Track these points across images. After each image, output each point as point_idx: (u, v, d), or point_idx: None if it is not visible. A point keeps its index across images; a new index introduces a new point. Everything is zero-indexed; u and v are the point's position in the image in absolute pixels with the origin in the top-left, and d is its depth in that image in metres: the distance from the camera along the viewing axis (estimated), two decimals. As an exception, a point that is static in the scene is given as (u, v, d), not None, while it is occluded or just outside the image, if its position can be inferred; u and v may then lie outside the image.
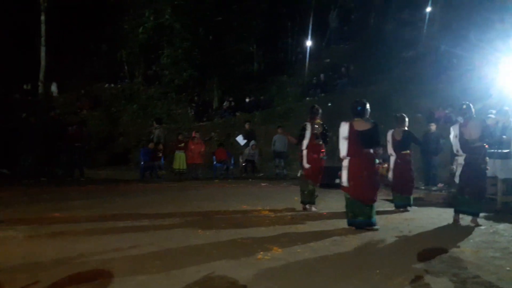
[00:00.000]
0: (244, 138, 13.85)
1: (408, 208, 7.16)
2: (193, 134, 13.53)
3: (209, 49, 19.33)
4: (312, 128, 6.80)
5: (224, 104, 20.02)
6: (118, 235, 5.00)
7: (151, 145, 12.79)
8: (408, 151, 7.23)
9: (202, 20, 19.15)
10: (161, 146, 12.74)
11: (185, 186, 10.68)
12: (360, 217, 5.42)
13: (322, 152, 6.90)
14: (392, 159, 7.25)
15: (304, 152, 6.83)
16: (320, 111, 7.00)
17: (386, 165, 7.12)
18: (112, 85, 22.38)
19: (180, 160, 12.78)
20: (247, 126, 14.43)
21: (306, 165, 6.83)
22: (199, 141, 13.23)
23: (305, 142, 6.80)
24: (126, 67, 22.90)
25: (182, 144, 12.98)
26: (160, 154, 12.73)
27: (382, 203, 7.56)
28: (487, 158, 5.97)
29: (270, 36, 22.79)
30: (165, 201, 7.99)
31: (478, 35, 13.80)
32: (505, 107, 8.21)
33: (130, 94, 20.94)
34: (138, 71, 22.63)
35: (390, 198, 7.62)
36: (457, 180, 6.06)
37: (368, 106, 5.60)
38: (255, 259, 3.99)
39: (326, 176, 10.40)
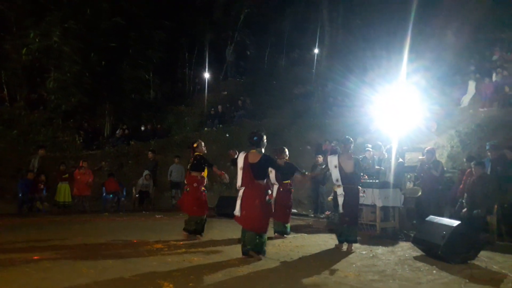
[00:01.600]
0: (145, 168, 13.29)
1: (285, 235, 7.46)
2: (81, 163, 12.62)
3: (101, 74, 18.52)
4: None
5: (117, 132, 19.17)
6: (-16, 277, 4.39)
7: (30, 175, 11.61)
8: (289, 181, 7.57)
9: (95, 45, 18.40)
10: (43, 177, 11.62)
11: (70, 220, 9.83)
12: (248, 245, 5.50)
13: (192, 183, 7.05)
14: (275, 188, 7.53)
15: None
16: (196, 144, 7.19)
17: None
18: (-12, 108, 20.06)
19: (64, 192, 11.76)
20: (150, 155, 13.86)
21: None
22: (87, 171, 12.35)
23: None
24: (5, 89, 20.79)
25: (66, 175, 12.00)
26: (42, 186, 11.58)
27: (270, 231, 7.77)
28: (361, 187, 6.62)
29: (168, 66, 22.73)
30: (44, 236, 7.25)
31: (360, 77, 15.37)
32: (379, 142, 9.14)
33: (9, 119, 18.89)
34: (20, 94, 20.67)
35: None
36: (341, 210, 6.46)
37: (264, 138, 5.73)
38: (143, 296, 3.79)
39: (223, 206, 10.55)
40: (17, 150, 16.96)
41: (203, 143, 7.29)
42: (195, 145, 7.20)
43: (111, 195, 12.54)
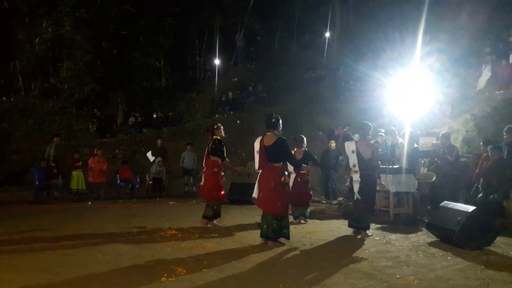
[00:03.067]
0: (154, 155, 13.39)
1: (305, 218, 7.53)
2: (95, 151, 12.75)
3: (113, 62, 18.60)
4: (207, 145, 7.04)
5: (130, 119, 19.29)
6: (4, 261, 4.49)
7: (43, 164, 11.79)
8: (306, 171, 7.51)
9: (106, 33, 18.45)
10: (52, 163, 11.76)
11: (85, 207, 10.00)
12: (269, 229, 5.53)
13: (212, 168, 6.90)
14: (292, 177, 7.50)
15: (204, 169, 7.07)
16: (217, 126, 7.05)
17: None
18: (4, 98, 20.31)
19: (78, 180, 11.93)
20: (159, 142, 13.92)
21: (201, 182, 7.05)
22: (101, 159, 12.50)
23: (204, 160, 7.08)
24: (20, 79, 21.02)
25: (80, 163, 12.15)
26: (55, 171, 11.73)
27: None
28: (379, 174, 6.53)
29: (178, 53, 22.67)
30: (60, 223, 7.36)
31: (373, 60, 15.13)
32: (392, 127, 9.01)
33: (25, 108, 19.15)
34: (34, 84, 20.89)
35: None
36: (356, 196, 6.32)
37: (280, 121, 5.73)
38: (158, 282, 3.82)
39: (235, 192, 10.60)
40: (32, 138, 17.25)
41: (222, 127, 7.14)
42: (215, 126, 7.04)
43: (125, 183, 12.67)
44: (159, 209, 9.78)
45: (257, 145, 5.73)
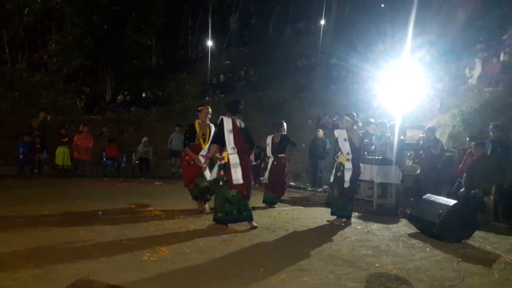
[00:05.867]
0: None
1: (275, 206, 7.62)
2: (81, 128, 12.61)
3: (103, 38, 18.30)
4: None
5: (119, 97, 19.07)
6: (-18, 237, 4.46)
7: (26, 138, 11.62)
8: (284, 155, 7.71)
9: (97, 8, 18.11)
10: (37, 139, 11.60)
11: (69, 184, 9.94)
12: (244, 212, 5.54)
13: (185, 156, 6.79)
14: (270, 161, 7.74)
15: None
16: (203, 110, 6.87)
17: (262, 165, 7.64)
18: (-11, 69, 19.88)
19: (63, 156, 11.81)
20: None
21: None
22: (87, 136, 12.38)
23: None
24: (7, 50, 20.54)
25: (66, 139, 12.02)
26: (39, 146, 11.57)
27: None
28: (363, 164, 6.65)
29: (170, 32, 22.35)
30: (44, 198, 7.32)
31: (364, 52, 15.11)
32: (384, 119, 9.05)
33: (11, 80, 18.79)
34: (21, 56, 20.44)
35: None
36: (347, 184, 6.18)
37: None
38: (139, 261, 3.83)
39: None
40: (18, 112, 16.96)
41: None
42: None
43: (111, 161, 12.58)
44: (144, 189, 9.76)
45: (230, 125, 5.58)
